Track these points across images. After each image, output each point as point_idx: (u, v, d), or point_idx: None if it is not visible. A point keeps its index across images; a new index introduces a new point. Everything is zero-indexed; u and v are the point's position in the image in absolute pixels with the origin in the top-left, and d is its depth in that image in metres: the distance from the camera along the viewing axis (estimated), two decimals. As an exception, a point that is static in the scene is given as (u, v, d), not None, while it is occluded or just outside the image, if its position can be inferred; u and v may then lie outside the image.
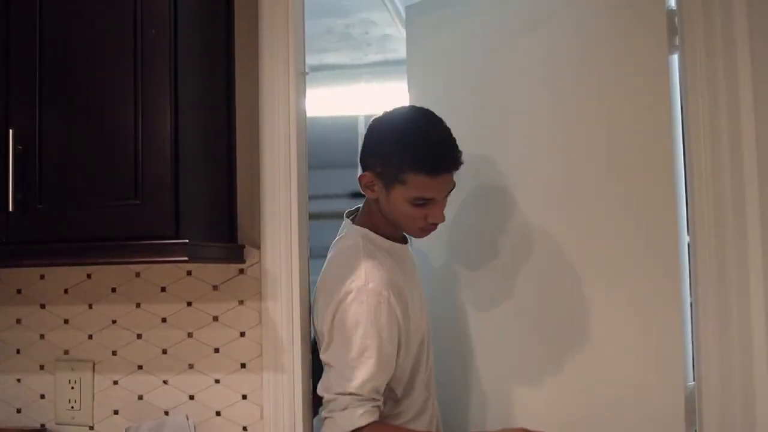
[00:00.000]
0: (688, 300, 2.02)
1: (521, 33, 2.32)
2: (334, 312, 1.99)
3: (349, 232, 2.14)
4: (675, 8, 2.03)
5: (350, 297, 1.97)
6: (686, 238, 2.01)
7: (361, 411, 1.92)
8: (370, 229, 2.11)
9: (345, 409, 1.93)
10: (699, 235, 1.95)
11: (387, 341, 1.96)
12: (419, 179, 1.97)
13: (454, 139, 2.01)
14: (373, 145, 2.07)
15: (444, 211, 2.07)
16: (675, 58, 2.04)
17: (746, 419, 1.88)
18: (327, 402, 1.99)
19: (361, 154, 2.11)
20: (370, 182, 2.05)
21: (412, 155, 1.97)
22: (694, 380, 2.00)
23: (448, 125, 2.05)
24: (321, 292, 2.10)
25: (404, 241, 2.20)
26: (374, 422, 1.95)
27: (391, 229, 2.12)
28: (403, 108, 2.15)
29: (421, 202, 2.00)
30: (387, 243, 2.11)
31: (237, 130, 2.26)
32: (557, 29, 2.25)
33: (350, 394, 1.93)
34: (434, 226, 2.06)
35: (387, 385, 2.02)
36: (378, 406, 1.97)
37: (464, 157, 2.03)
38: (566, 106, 2.21)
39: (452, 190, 2.05)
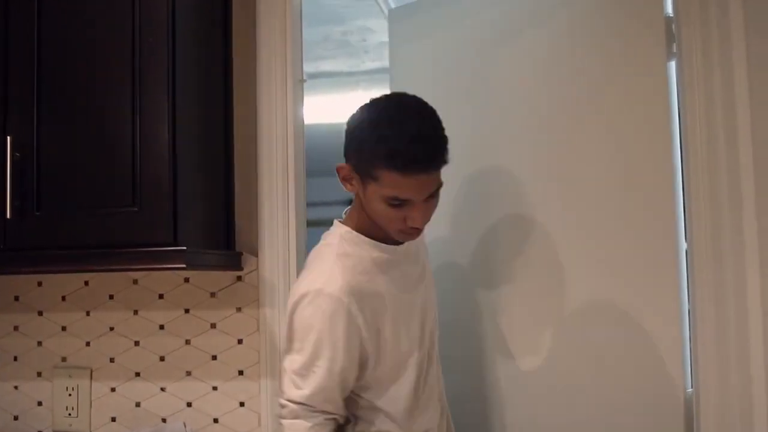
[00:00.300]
0: (686, 306, 2.02)
1: (517, 34, 2.31)
2: (292, 314, 1.81)
3: (331, 230, 1.94)
4: (672, 15, 2.03)
5: (306, 300, 1.78)
6: (684, 245, 2.01)
7: (310, 423, 1.78)
8: (354, 227, 1.88)
9: (296, 418, 1.80)
10: (696, 242, 1.96)
11: (342, 352, 1.78)
12: (392, 177, 1.72)
13: (437, 134, 1.76)
14: (350, 133, 1.82)
15: (432, 212, 1.83)
16: (674, 65, 2.04)
17: (744, 425, 1.88)
18: (280, 406, 1.85)
19: (344, 144, 1.87)
20: (348, 175, 1.83)
21: (383, 149, 1.71)
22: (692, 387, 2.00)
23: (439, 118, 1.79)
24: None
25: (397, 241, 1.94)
26: None
27: (378, 227, 1.87)
28: (389, 94, 1.89)
29: (397, 203, 1.76)
30: (369, 243, 1.87)
31: (234, 137, 2.26)
32: (554, 32, 2.24)
33: (300, 403, 1.80)
34: (416, 230, 1.83)
35: (362, 400, 1.89)
36: (333, 420, 1.83)
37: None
38: (565, 111, 2.20)
39: (438, 189, 1.79)
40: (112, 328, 2.34)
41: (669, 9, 2.05)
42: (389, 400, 1.87)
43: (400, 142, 1.69)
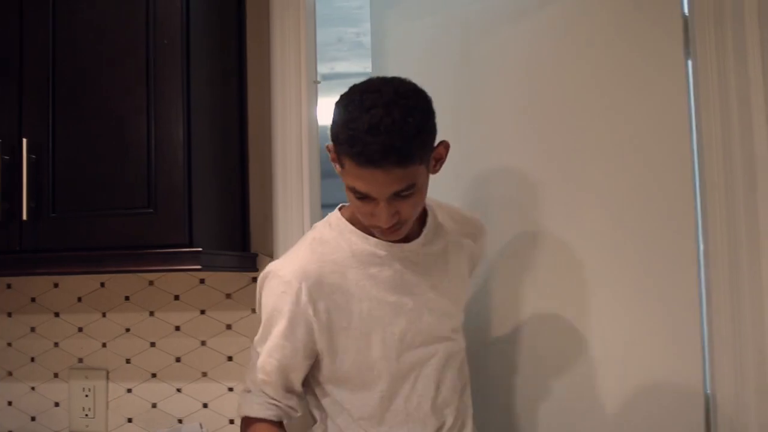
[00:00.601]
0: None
1: (518, 21, 2.25)
2: (258, 292, 1.79)
3: (329, 213, 1.86)
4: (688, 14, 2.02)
5: (266, 280, 1.75)
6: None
7: (258, 401, 1.76)
8: (349, 215, 1.78)
9: (248, 392, 1.79)
10: (712, 243, 1.94)
11: (281, 337, 1.71)
12: (351, 166, 1.58)
13: (404, 128, 1.54)
14: (334, 110, 1.68)
15: (408, 214, 1.66)
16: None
17: (761, 427, 1.87)
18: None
19: None
20: (334, 156, 1.67)
21: (345, 133, 1.57)
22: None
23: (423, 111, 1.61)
24: None
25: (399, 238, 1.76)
26: (263, 421, 1.76)
27: None
28: (381, 77, 1.70)
29: (360, 196, 1.62)
30: (355, 234, 1.75)
31: (249, 138, 2.27)
32: (562, 21, 2.19)
33: (251, 380, 1.79)
34: (386, 229, 1.67)
35: (321, 390, 1.80)
36: (275, 406, 1.76)
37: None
38: (576, 109, 2.15)
39: (408, 189, 1.60)
40: (128, 329, 2.35)
41: (686, 8, 2.03)
42: (354, 403, 1.78)
43: (360, 129, 1.54)
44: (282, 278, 1.71)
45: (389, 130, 1.53)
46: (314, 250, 1.75)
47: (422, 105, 1.62)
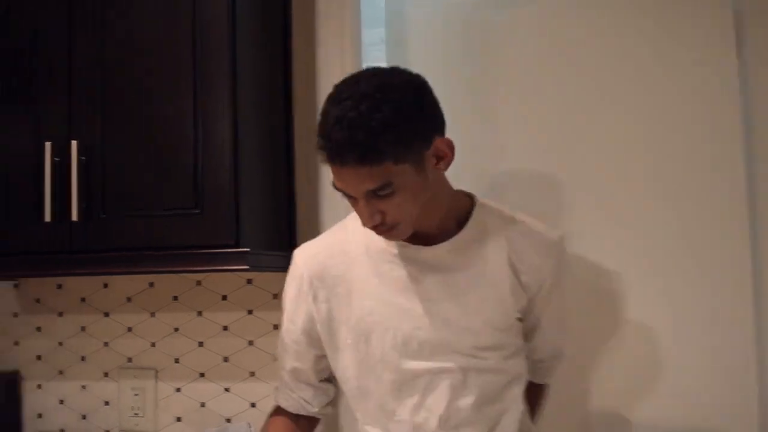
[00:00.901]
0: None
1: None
2: None
3: None
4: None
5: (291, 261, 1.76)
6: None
7: (282, 389, 1.80)
8: None
9: (281, 381, 1.82)
10: (763, 243, 1.92)
11: (288, 320, 1.74)
12: (325, 159, 1.50)
13: (370, 124, 1.42)
14: None
15: (395, 215, 1.52)
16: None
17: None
18: None
19: None
20: None
21: (319, 125, 1.49)
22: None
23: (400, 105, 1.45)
24: None
25: (423, 240, 1.63)
26: (281, 414, 1.81)
27: None
28: (374, 67, 1.60)
29: (342, 193, 1.53)
30: (371, 231, 1.59)
31: (296, 138, 2.27)
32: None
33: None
34: (374, 229, 1.55)
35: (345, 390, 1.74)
36: (290, 396, 1.78)
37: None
38: (613, 107, 2.12)
39: (384, 188, 1.47)
40: (176, 329, 2.36)
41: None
42: (358, 405, 1.71)
43: (329, 122, 1.45)
44: (295, 263, 1.74)
45: (353, 125, 1.42)
46: (334, 238, 1.75)
47: (403, 99, 1.47)
